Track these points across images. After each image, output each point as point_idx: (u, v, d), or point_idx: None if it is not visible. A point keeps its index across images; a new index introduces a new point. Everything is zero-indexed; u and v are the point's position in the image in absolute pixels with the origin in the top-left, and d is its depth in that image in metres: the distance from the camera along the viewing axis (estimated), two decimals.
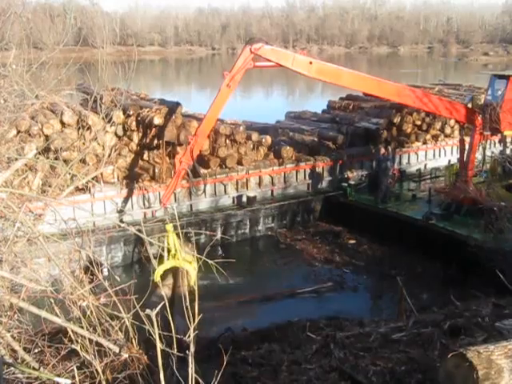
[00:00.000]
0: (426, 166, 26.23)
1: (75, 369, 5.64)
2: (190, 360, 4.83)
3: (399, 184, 23.74)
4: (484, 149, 20.72)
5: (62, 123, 18.81)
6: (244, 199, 21.45)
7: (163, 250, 16.35)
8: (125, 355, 6.47)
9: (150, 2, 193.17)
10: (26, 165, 15.59)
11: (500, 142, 22.68)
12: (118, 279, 6.98)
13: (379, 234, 19.62)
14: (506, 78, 19.95)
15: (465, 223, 18.75)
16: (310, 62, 17.01)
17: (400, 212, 20.77)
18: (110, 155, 18.42)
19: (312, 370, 8.54)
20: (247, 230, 21.27)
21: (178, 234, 15.92)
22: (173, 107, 20.71)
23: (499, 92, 19.96)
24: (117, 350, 6.41)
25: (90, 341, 6.18)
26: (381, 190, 21.60)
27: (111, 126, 18.98)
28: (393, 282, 15.16)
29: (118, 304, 6.54)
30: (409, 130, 25.91)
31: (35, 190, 16.40)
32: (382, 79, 18.85)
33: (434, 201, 21.36)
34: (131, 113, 20.19)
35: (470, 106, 19.76)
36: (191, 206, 20.59)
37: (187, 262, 16.35)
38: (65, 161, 15.89)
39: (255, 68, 17.26)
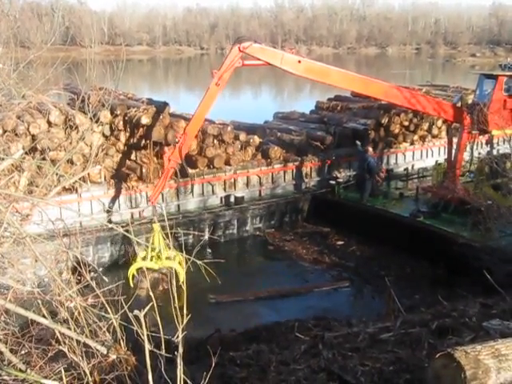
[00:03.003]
0: (413, 166, 26.32)
1: (63, 370, 5.61)
2: (179, 361, 4.81)
3: (387, 183, 23.83)
4: (472, 149, 20.85)
5: (49, 123, 18.67)
6: (232, 199, 21.43)
7: (147, 249, 16.48)
8: (113, 356, 6.43)
9: (138, 1, 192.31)
10: (12, 165, 15.48)
11: (487, 143, 22.83)
12: (106, 280, 6.94)
13: (367, 231, 19.65)
14: (494, 77, 20.07)
15: (452, 221, 18.90)
16: (299, 61, 17.08)
17: (387, 209, 20.89)
18: (97, 155, 18.33)
19: (300, 370, 8.53)
20: (235, 231, 21.26)
21: (166, 234, 15.95)
22: (160, 107, 20.64)
23: (487, 91, 20.08)
24: (104, 351, 6.37)
25: (78, 342, 6.14)
26: (366, 189, 21.65)
27: (98, 125, 18.88)
28: (381, 282, 15.21)
29: (106, 305, 6.50)
30: (396, 131, 25.98)
31: (22, 190, 16.28)
32: (369, 78, 18.90)
33: (421, 199, 21.49)
34: (118, 112, 20.08)
35: (458, 105, 19.87)
36: (179, 206, 20.53)
37: (171, 260, 16.39)
38: (52, 161, 15.80)
39: (244, 66, 17.27)
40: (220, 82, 16.35)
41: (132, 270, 16.32)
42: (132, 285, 15.87)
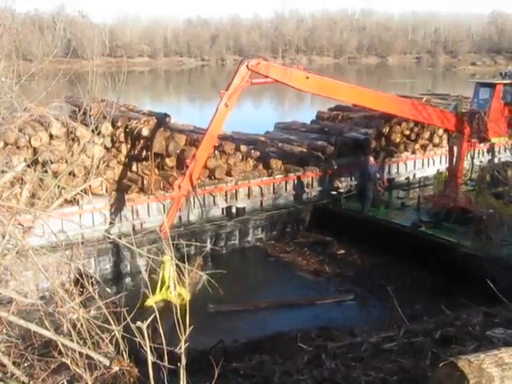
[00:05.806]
0: (414, 175, 26.35)
1: (65, 382, 5.61)
2: (182, 372, 4.80)
3: (388, 192, 23.85)
4: (472, 157, 20.87)
5: (51, 135, 18.72)
6: (233, 210, 21.42)
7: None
8: (115, 368, 6.43)
9: (139, 13, 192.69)
10: (14, 177, 15.50)
11: (488, 151, 22.86)
12: (109, 291, 6.95)
13: (368, 241, 19.57)
14: (491, 86, 20.11)
15: (454, 230, 18.85)
16: (307, 77, 16.65)
17: (389, 219, 20.86)
18: (98, 167, 18.36)
19: (303, 380, 8.51)
20: (237, 241, 21.23)
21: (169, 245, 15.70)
22: (161, 118, 20.70)
23: (484, 99, 20.13)
24: (107, 363, 6.37)
25: (80, 354, 6.13)
26: (368, 199, 21.61)
27: (100, 137, 18.94)
28: (383, 292, 15.16)
29: (109, 316, 6.51)
30: (398, 140, 26.01)
31: (24, 202, 16.30)
32: (380, 92, 18.79)
33: (422, 209, 21.45)
34: (120, 124, 20.14)
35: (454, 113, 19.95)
36: (180, 217, 20.52)
37: (178, 297, 15.73)
38: (54, 173, 15.83)
39: (252, 85, 16.54)
40: (229, 102, 15.54)
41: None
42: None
